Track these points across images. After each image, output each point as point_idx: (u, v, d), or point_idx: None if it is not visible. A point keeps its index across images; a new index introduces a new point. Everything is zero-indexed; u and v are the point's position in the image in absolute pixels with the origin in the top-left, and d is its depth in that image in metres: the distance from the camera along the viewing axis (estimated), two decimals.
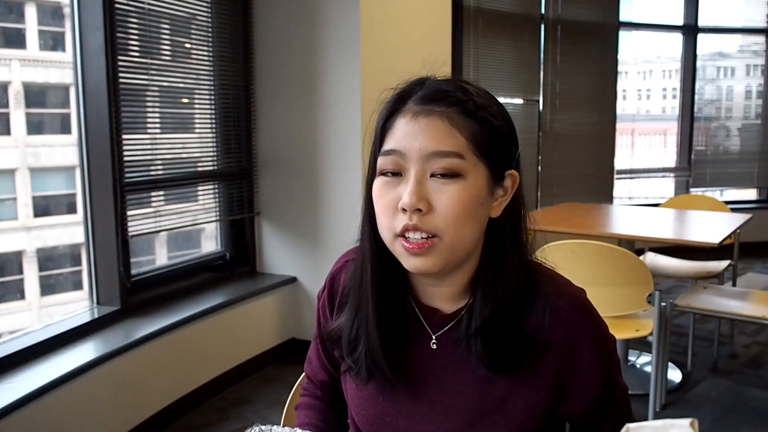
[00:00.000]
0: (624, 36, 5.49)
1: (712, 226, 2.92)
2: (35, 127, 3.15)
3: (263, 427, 0.90)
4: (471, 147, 0.79)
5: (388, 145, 0.81)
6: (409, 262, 0.81)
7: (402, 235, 0.79)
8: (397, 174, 0.80)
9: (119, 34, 2.55)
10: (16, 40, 2.97)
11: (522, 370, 0.84)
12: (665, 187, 5.89)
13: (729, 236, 2.66)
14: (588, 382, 0.86)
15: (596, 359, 0.85)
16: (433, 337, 0.89)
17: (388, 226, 0.81)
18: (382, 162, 0.81)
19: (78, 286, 3.01)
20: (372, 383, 0.90)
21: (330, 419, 1.04)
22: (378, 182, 0.82)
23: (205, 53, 3.06)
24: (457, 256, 0.82)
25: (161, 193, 2.90)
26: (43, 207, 3.39)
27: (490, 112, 0.82)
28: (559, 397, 0.86)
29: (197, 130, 3.11)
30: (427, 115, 0.79)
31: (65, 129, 3.01)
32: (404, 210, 0.78)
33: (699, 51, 5.64)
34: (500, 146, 0.83)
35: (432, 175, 0.78)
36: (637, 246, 3.41)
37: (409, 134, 0.79)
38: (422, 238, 0.78)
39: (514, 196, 0.85)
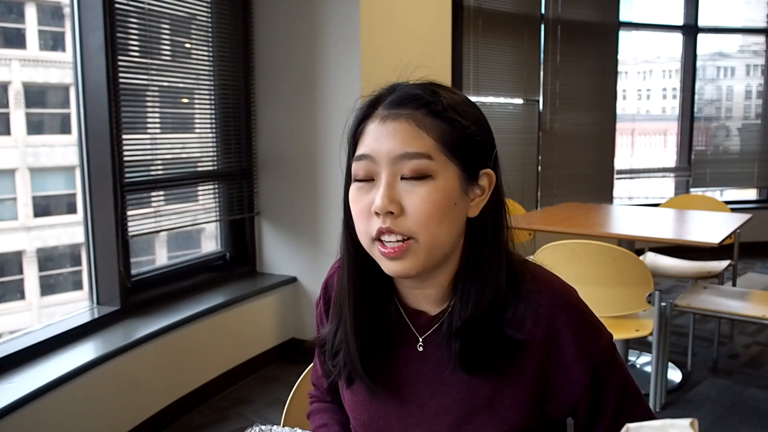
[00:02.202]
0: (624, 36, 5.49)
1: (712, 226, 2.92)
2: (35, 127, 3.15)
3: (263, 427, 0.90)
4: (439, 147, 0.79)
5: (359, 151, 0.82)
6: (387, 266, 0.81)
7: (378, 238, 0.80)
8: (370, 179, 0.81)
9: (119, 34, 2.55)
10: (16, 40, 2.97)
11: (506, 368, 0.83)
12: (665, 187, 5.89)
13: (729, 236, 2.66)
14: (572, 378, 0.84)
15: (579, 356, 0.83)
16: (420, 340, 0.89)
17: (364, 230, 0.81)
18: (355, 167, 0.82)
19: (78, 286, 3.01)
20: (363, 388, 0.91)
21: (344, 419, 1.04)
22: (353, 188, 0.83)
23: (205, 53, 3.06)
24: (436, 257, 0.82)
25: (161, 193, 2.90)
26: (43, 207, 3.39)
27: (458, 111, 0.82)
28: (545, 394, 0.85)
29: (197, 130, 3.11)
30: (395, 118, 0.80)
31: (65, 129, 3.00)
32: (377, 213, 0.79)
33: (699, 51, 5.64)
34: (471, 145, 0.82)
35: (402, 178, 0.79)
36: (637, 246, 3.41)
37: (377, 138, 0.80)
38: (397, 241, 0.79)
39: (493, 195, 0.85)
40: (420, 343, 0.89)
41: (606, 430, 0.88)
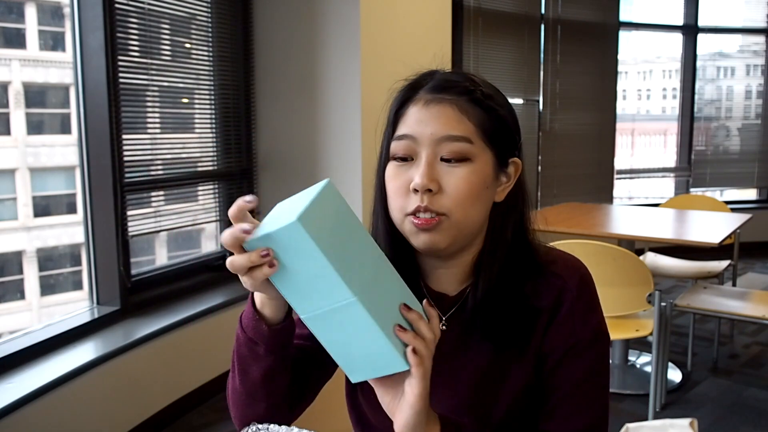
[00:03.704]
0: (624, 36, 5.49)
1: (712, 226, 2.92)
2: (35, 127, 3.15)
3: (260, 426, 0.90)
4: (479, 133, 0.84)
5: (400, 131, 0.85)
6: (417, 239, 0.84)
7: (412, 213, 0.83)
8: (409, 158, 0.85)
9: (119, 34, 2.55)
10: (16, 40, 2.97)
11: (522, 339, 0.87)
12: (665, 187, 5.89)
13: (729, 236, 2.66)
14: (560, 331, 0.86)
15: (565, 318, 0.86)
16: (443, 319, 0.92)
17: (399, 206, 0.85)
18: (395, 147, 0.86)
19: (78, 286, 3.01)
20: None
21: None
22: (391, 166, 0.86)
23: (205, 53, 3.06)
24: (463, 236, 0.86)
25: (161, 193, 2.90)
26: (43, 207, 3.39)
27: (496, 101, 0.87)
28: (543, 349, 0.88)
29: (197, 130, 3.11)
30: (438, 102, 0.84)
31: (65, 129, 3.00)
32: (416, 191, 0.82)
33: (699, 51, 5.64)
34: (505, 134, 0.88)
35: (442, 159, 0.83)
36: (637, 246, 3.41)
37: (421, 120, 0.84)
38: (431, 215, 0.82)
39: (517, 183, 0.90)
40: (443, 323, 0.92)
41: (553, 408, 0.87)
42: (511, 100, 0.92)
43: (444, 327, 0.92)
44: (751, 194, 6.04)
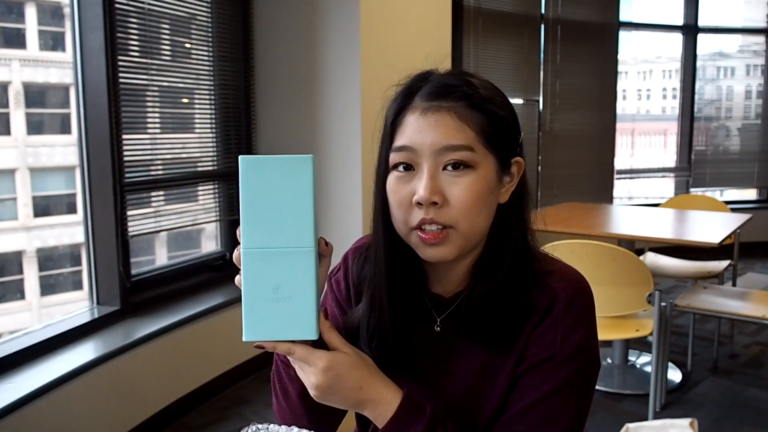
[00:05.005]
0: (624, 36, 5.49)
1: (712, 226, 2.92)
2: (35, 127, 3.14)
3: (260, 426, 0.90)
4: (480, 139, 0.82)
5: (399, 141, 0.83)
6: (425, 253, 0.83)
7: (417, 227, 0.82)
8: (409, 168, 0.83)
9: (119, 34, 2.55)
10: (16, 40, 2.97)
11: (513, 344, 0.85)
12: (665, 187, 5.89)
13: (729, 236, 2.66)
14: (541, 340, 0.83)
15: (554, 326, 0.83)
16: (438, 320, 0.91)
17: (403, 219, 0.83)
18: (394, 158, 0.83)
19: (78, 286, 3.00)
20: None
21: None
22: (392, 177, 0.84)
23: (205, 53, 3.06)
24: (471, 244, 0.85)
25: (161, 193, 2.90)
26: (43, 207, 3.38)
27: (495, 103, 0.85)
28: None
29: (197, 130, 3.11)
30: (436, 111, 0.81)
31: (65, 129, 3.00)
32: (419, 204, 0.80)
33: (699, 51, 5.64)
34: (506, 135, 0.86)
35: (444, 169, 0.81)
36: (637, 246, 3.41)
37: (419, 130, 0.81)
38: (438, 229, 0.81)
39: (520, 182, 0.89)
40: (438, 324, 0.91)
41: (514, 415, 0.84)
42: (511, 100, 0.90)
43: (438, 329, 0.91)
44: (751, 194, 6.04)
